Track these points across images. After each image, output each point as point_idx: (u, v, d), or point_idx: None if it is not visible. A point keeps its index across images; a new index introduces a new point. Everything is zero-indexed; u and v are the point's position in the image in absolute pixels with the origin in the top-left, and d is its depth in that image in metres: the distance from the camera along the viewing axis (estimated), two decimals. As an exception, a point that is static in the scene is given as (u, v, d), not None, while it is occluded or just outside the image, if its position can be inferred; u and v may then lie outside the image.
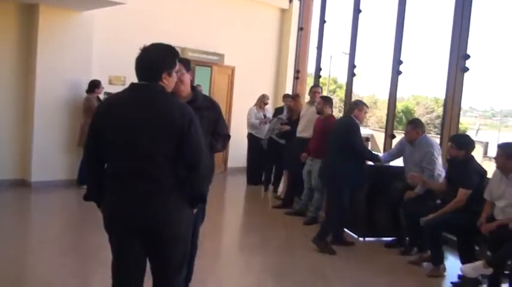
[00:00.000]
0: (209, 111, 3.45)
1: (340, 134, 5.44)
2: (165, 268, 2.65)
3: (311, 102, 7.05)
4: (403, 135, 5.76)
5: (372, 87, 49.59)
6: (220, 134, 3.56)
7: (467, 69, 5.96)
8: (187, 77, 3.35)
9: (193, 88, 3.46)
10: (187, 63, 3.38)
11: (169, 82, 2.59)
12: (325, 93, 26.82)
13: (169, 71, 2.57)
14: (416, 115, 33.42)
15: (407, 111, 34.86)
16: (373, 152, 5.83)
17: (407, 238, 5.48)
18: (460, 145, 4.77)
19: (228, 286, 4.25)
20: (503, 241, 3.97)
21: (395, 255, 5.31)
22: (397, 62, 7.10)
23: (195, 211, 2.77)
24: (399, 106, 35.86)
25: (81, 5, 7.18)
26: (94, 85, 7.44)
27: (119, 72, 7.97)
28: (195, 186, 2.59)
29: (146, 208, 2.47)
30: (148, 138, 2.46)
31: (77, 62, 7.56)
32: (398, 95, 7.55)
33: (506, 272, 4.09)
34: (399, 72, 7.11)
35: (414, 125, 5.46)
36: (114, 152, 2.53)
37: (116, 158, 2.53)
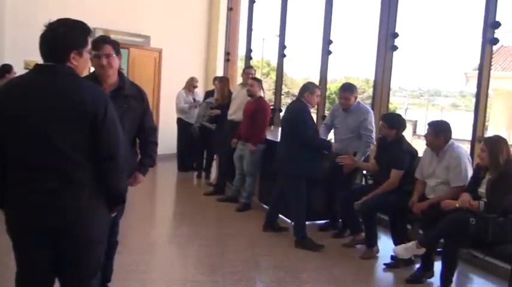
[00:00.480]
0: (136, 101, 3.09)
1: (289, 121, 5.04)
2: (75, 273, 2.32)
3: (243, 84, 6.79)
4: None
5: (305, 70, 50.10)
6: (146, 128, 3.18)
7: (396, 47, 5.90)
8: (116, 61, 2.97)
9: (120, 74, 3.09)
10: (116, 45, 3.01)
11: (79, 63, 2.23)
12: (258, 76, 26.83)
13: (79, 49, 2.21)
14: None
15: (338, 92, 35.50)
16: (325, 140, 5.33)
17: (340, 221, 5.40)
18: (392, 124, 4.67)
19: (154, 284, 3.93)
20: (435, 220, 3.91)
21: (329, 238, 5.19)
22: (326, 42, 6.95)
23: (113, 214, 2.47)
24: (332, 88, 36.56)
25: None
26: (4, 70, 6.79)
27: (35, 56, 7.30)
28: (111, 182, 2.28)
29: (55, 207, 2.15)
30: (56, 128, 2.11)
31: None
32: (331, 76, 7.44)
33: (439, 249, 4.05)
34: (329, 52, 6.97)
35: (350, 91, 5.19)
36: (18, 144, 2.16)
37: (20, 151, 2.17)
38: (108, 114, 2.18)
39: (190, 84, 8.46)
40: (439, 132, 4.23)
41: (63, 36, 2.19)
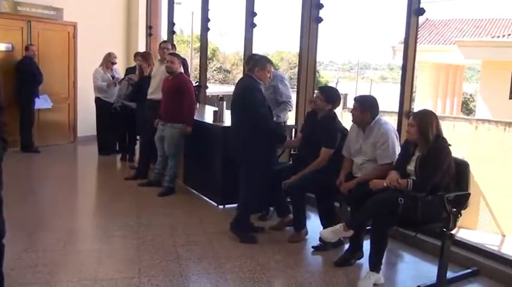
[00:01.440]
0: None
1: (239, 100, 4.42)
2: None
3: (161, 60, 6.30)
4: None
5: (237, 44, 49.56)
6: None
7: (321, 19, 5.60)
8: None
9: None
10: None
11: None
12: (188, 52, 26.05)
13: None
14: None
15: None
16: (281, 128, 5.03)
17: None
18: (329, 97, 4.38)
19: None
20: (363, 199, 3.69)
21: (255, 221, 4.89)
22: (250, 14, 6.55)
23: None
24: (264, 63, 36.36)
25: None
26: None
27: None
28: None
29: None
30: None
31: None
32: (263, 50, 7.05)
33: (368, 227, 3.86)
34: (253, 25, 6.59)
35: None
36: None
37: None
38: None
39: (108, 61, 7.87)
40: (365, 108, 4.01)
41: None
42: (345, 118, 4.55)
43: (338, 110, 4.72)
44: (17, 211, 4.81)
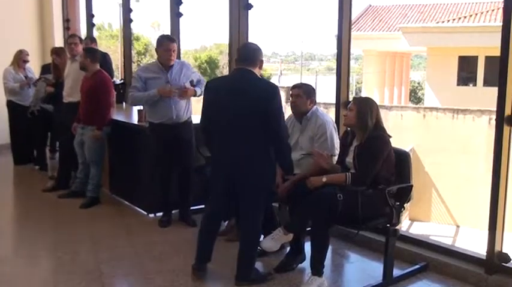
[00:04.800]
0: None
1: (255, 105, 3.46)
2: None
3: (71, 57, 6.08)
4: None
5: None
6: None
7: (250, 6, 5.54)
8: None
9: None
10: None
11: None
12: (118, 47, 25.52)
13: None
14: (220, 65, 34.09)
15: (211, 61, 35.31)
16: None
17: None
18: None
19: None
20: (302, 198, 3.65)
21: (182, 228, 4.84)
22: (175, 2, 6.42)
23: None
24: (203, 56, 36.25)
25: None
26: None
27: None
28: None
29: None
30: None
31: None
32: (201, 43, 6.88)
33: (308, 228, 3.83)
34: (179, 14, 6.46)
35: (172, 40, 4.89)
36: None
37: None
38: None
39: (19, 59, 7.49)
40: (310, 93, 4.01)
41: None
42: (288, 112, 4.45)
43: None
44: None
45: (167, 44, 4.74)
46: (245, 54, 3.62)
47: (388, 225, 3.58)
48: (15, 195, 6.67)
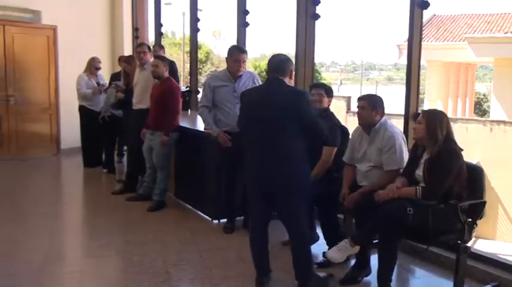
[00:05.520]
0: None
1: (286, 112, 3.44)
2: None
3: (140, 65, 6.27)
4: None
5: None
6: None
7: (318, 16, 5.56)
8: None
9: None
10: None
11: None
12: (181, 55, 26.07)
13: None
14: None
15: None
16: None
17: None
18: (329, 91, 4.43)
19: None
20: (369, 210, 3.62)
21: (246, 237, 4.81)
22: (242, 12, 6.52)
23: None
24: (262, 65, 36.50)
25: None
26: None
27: None
28: None
29: None
30: None
31: None
32: (260, 51, 6.95)
33: (375, 241, 3.78)
34: (246, 24, 6.55)
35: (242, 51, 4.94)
36: None
37: None
38: None
39: (92, 66, 7.82)
40: (376, 106, 3.94)
41: None
42: (350, 122, 4.44)
43: (342, 114, 4.68)
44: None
45: (237, 54, 4.82)
46: (275, 64, 3.62)
47: (459, 242, 3.48)
48: (86, 196, 6.91)
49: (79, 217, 5.98)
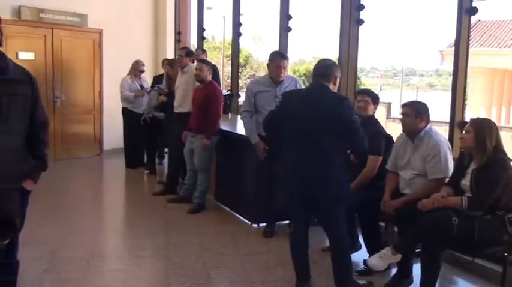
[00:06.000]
0: (25, 87, 2.69)
1: (327, 118, 3.40)
2: None
3: (181, 69, 6.35)
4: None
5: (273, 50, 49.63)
6: (36, 123, 2.80)
7: (362, 21, 5.53)
8: None
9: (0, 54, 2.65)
10: None
11: None
12: (220, 59, 26.21)
13: None
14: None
15: (309, 74, 35.36)
16: None
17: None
18: (375, 98, 4.41)
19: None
20: (412, 219, 3.57)
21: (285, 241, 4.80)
22: (285, 16, 6.54)
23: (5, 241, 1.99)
24: (301, 69, 36.38)
25: None
26: None
27: None
28: None
29: None
30: None
31: None
32: (299, 56, 6.95)
33: (418, 250, 3.73)
34: (289, 29, 6.56)
35: (283, 57, 4.92)
36: None
37: None
38: None
39: (136, 69, 7.95)
40: (420, 113, 3.87)
41: None
42: (390, 128, 4.40)
43: (382, 121, 4.64)
44: (39, 228, 4.87)
45: (278, 60, 4.81)
46: (321, 69, 3.60)
47: (505, 254, 3.39)
48: (128, 196, 7.03)
49: (122, 216, 6.10)
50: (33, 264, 4.00)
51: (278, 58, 4.86)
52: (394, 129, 4.27)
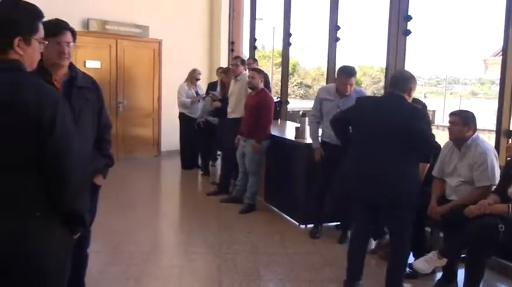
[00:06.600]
0: (92, 94, 2.79)
1: (402, 127, 3.36)
2: None
3: (234, 77, 6.39)
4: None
5: (318, 59, 49.32)
6: (102, 125, 2.90)
7: (409, 32, 5.42)
8: (72, 50, 2.68)
9: (70, 64, 2.75)
10: (74, 33, 2.71)
11: (26, 53, 1.82)
12: (269, 68, 26.30)
13: (27, 36, 1.81)
14: (363, 86, 33.62)
15: (355, 83, 34.95)
16: None
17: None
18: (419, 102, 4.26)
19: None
20: (458, 224, 3.46)
21: (332, 243, 4.82)
22: (334, 27, 6.48)
23: (76, 235, 2.03)
24: (348, 78, 35.94)
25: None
26: None
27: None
28: (65, 204, 1.86)
29: None
30: None
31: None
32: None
33: (463, 255, 3.62)
34: (337, 39, 6.51)
35: (350, 75, 4.71)
36: None
37: None
38: (58, 122, 1.75)
39: (193, 77, 8.08)
40: (467, 122, 3.76)
41: (7, 18, 1.79)
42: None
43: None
44: (102, 223, 4.98)
45: (345, 78, 4.64)
46: (398, 80, 3.55)
47: (553, 262, 3.26)
48: (183, 196, 7.13)
49: (178, 214, 6.19)
50: (97, 256, 4.11)
51: (345, 77, 4.66)
52: (438, 137, 4.14)
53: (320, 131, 4.95)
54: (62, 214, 1.87)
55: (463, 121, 3.78)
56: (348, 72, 4.69)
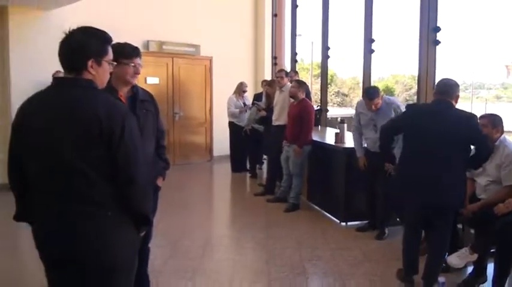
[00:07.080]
0: (151, 105, 2.94)
1: (458, 133, 3.31)
2: None
3: (279, 88, 6.46)
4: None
5: (353, 69, 48.61)
6: (159, 132, 3.02)
7: (438, 42, 5.34)
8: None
9: None
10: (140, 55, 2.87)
11: (98, 73, 1.94)
12: (309, 79, 26.25)
13: (98, 58, 1.94)
14: (395, 94, 33.02)
15: (387, 90, 34.36)
16: None
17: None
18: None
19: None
20: (488, 222, 3.41)
21: (371, 239, 4.80)
22: (368, 40, 6.46)
23: (142, 233, 2.14)
24: (380, 86, 35.37)
25: (48, 3, 6.64)
26: None
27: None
28: (133, 205, 1.96)
29: (75, 234, 1.86)
30: (69, 146, 1.83)
31: (49, 60, 6.92)
32: (378, 75, 6.83)
33: (492, 250, 3.55)
34: (372, 51, 6.48)
35: (377, 95, 4.70)
36: (34, 164, 1.90)
37: (37, 173, 1.91)
38: (126, 131, 1.87)
39: (240, 89, 8.23)
40: (496, 124, 3.70)
41: (81, 43, 1.92)
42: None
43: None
44: (162, 221, 5.16)
45: (367, 102, 4.71)
46: (444, 87, 3.48)
47: None
48: (234, 196, 7.27)
49: (229, 213, 6.32)
50: (160, 250, 4.27)
51: (367, 101, 4.70)
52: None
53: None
54: (130, 214, 1.98)
55: (491, 123, 3.72)
56: (368, 97, 4.69)
